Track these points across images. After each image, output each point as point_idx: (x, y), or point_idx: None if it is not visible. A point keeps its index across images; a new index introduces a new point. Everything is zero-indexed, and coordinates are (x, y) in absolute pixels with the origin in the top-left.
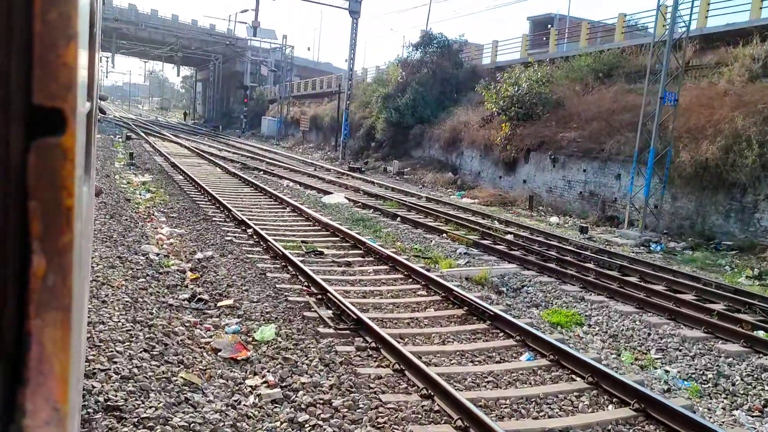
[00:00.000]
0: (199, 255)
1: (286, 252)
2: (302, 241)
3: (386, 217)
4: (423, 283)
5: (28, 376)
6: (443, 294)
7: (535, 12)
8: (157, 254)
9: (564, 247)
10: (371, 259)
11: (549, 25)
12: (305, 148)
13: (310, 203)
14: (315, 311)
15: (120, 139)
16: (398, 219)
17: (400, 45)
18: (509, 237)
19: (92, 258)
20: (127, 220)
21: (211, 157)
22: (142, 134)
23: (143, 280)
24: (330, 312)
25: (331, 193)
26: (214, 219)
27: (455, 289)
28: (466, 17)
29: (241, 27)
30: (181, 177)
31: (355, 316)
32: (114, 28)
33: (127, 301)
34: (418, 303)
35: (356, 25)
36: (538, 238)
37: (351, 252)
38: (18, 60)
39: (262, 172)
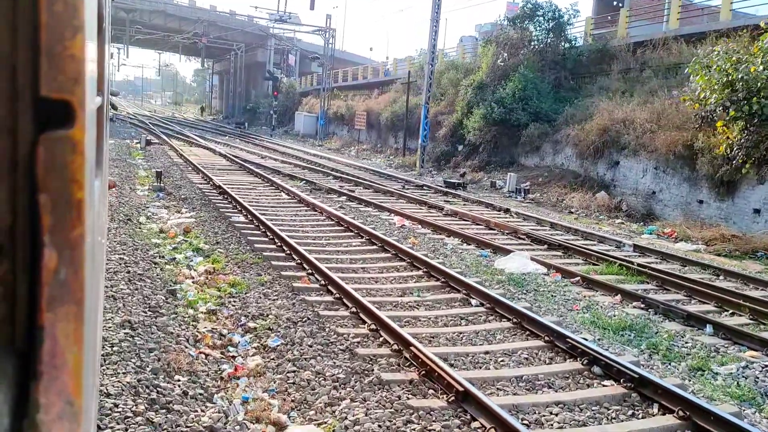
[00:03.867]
0: None
1: None
2: None
3: (661, 315)
4: None
5: (41, 371)
6: None
7: None
8: None
9: None
10: None
11: (615, 2)
12: (359, 150)
13: (477, 270)
14: None
15: (138, 145)
16: (708, 329)
17: (442, 32)
18: None
19: None
20: (184, 383)
21: (259, 170)
22: (163, 136)
23: None
24: None
25: (507, 251)
26: (377, 371)
27: None
28: None
29: (264, 13)
30: (241, 217)
31: None
32: (129, 9)
33: None
34: None
35: None
36: None
37: None
38: (25, 52)
39: (344, 197)
